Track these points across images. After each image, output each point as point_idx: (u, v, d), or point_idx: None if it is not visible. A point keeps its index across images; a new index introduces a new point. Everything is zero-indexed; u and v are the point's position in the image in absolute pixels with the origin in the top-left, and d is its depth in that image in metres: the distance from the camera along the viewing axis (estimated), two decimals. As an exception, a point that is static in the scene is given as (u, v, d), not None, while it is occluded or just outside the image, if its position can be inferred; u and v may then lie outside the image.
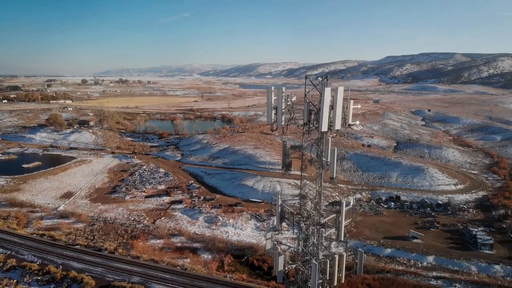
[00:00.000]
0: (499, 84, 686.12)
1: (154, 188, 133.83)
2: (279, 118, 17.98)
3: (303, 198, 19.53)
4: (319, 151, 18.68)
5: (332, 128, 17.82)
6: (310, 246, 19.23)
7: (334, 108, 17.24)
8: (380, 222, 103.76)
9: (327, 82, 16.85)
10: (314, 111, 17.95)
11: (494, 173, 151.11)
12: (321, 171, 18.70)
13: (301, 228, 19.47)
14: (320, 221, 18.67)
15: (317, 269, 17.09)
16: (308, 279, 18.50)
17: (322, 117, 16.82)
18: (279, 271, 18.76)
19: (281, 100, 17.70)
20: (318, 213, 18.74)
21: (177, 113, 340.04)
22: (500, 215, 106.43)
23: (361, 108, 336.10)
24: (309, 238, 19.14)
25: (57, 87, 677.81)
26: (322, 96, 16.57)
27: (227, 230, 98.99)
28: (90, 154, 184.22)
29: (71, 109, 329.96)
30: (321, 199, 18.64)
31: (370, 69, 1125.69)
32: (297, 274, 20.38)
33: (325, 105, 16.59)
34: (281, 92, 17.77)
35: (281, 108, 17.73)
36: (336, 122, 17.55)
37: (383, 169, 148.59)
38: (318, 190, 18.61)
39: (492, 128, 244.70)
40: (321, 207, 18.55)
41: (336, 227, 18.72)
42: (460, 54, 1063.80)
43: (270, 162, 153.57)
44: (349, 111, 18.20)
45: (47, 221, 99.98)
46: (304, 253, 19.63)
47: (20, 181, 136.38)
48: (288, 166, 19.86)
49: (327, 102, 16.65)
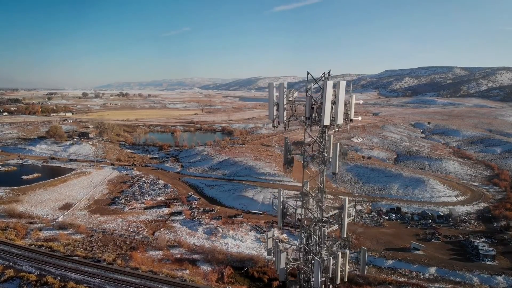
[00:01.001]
0: (498, 97, 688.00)
1: (153, 200, 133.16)
2: (281, 114, 17.89)
3: (304, 196, 19.31)
4: (321, 147, 18.54)
5: (334, 123, 17.68)
6: (312, 245, 18.95)
7: (336, 102, 17.15)
8: (381, 233, 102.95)
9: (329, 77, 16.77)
10: (316, 106, 17.88)
11: (495, 185, 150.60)
12: (323, 167, 18.52)
13: (303, 226, 19.22)
14: (322, 218, 18.44)
15: (319, 266, 16.80)
16: (311, 278, 18.18)
17: (324, 111, 16.72)
18: (281, 269, 18.42)
19: (282, 95, 17.66)
20: (320, 210, 18.52)
21: (177, 125, 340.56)
22: (502, 227, 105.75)
23: (361, 121, 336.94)
24: (311, 237, 18.88)
25: (57, 100, 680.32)
26: (324, 89, 16.52)
27: (226, 241, 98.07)
28: (89, 166, 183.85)
29: (71, 122, 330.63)
30: (323, 196, 18.43)
31: (369, 82, 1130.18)
32: (299, 273, 20.05)
33: (327, 99, 16.51)
34: (282, 88, 17.75)
35: (282, 103, 17.66)
36: (338, 116, 17.42)
37: (384, 180, 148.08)
38: (320, 187, 18.43)
39: (492, 140, 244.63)
40: (323, 204, 18.34)
41: (339, 224, 18.48)
42: (459, 67, 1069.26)
43: (270, 173, 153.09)
44: (351, 106, 18.09)
45: (46, 232, 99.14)
46: (307, 252, 19.33)
47: (19, 193, 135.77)
48: (290, 162, 19.69)
49: (329, 95, 16.58)
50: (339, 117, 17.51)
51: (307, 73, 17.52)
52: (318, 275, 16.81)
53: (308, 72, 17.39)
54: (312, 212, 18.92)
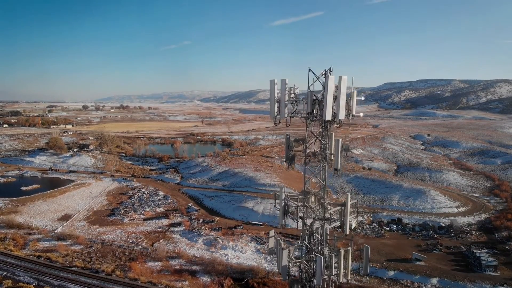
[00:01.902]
0: (498, 110, 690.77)
1: (153, 211, 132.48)
2: (282, 110, 17.84)
3: (306, 194, 19.16)
4: (322, 143, 18.46)
5: (336, 118, 17.61)
6: (314, 243, 18.72)
7: (337, 97, 17.11)
8: (383, 244, 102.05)
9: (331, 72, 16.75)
10: (318, 101, 17.84)
11: (496, 195, 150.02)
12: (325, 164, 18.41)
13: (305, 224, 19.02)
14: (324, 216, 18.25)
15: (322, 263, 16.55)
16: (313, 277, 17.90)
17: (326, 106, 16.68)
18: (283, 266, 18.12)
19: (284, 92, 17.63)
20: (322, 207, 18.34)
21: (177, 137, 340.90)
22: (503, 237, 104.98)
23: (361, 133, 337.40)
24: (313, 235, 18.65)
25: (58, 113, 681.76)
26: (326, 84, 16.50)
27: (226, 252, 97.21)
28: (89, 177, 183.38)
29: (71, 134, 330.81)
30: (325, 193, 18.28)
31: (369, 95, 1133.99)
32: (301, 272, 19.77)
33: (329, 93, 16.49)
34: (284, 84, 17.74)
35: (284, 100, 17.63)
36: (340, 112, 17.36)
37: (384, 191, 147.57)
38: (321, 184, 18.29)
39: (492, 152, 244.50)
40: (325, 201, 18.18)
41: (341, 221, 18.28)
42: (458, 80, 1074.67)
43: (271, 184, 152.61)
44: (352, 101, 18.03)
45: (44, 243, 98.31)
46: (309, 251, 19.08)
47: (18, 204, 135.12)
48: (291, 159, 19.59)
49: (331, 90, 16.56)
50: (340, 112, 17.44)
51: (308, 69, 17.60)
52: (321, 272, 16.54)
53: (309, 69, 17.44)
54: (314, 210, 18.76)
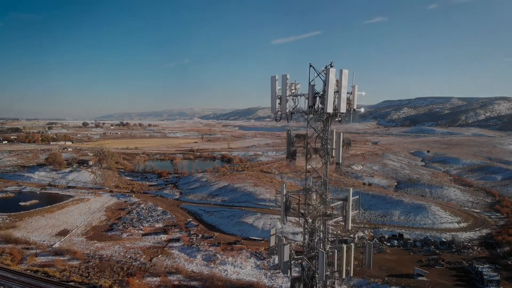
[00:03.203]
0: (497, 127, 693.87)
1: (151, 226, 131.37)
2: (283, 106, 17.82)
3: (308, 190, 18.98)
4: (324, 139, 18.38)
5: (337, 111, 17.58)
6: (316, 241, 18.44)
7: (338, 91, 17.12)
8: (384, 260, 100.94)
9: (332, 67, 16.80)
10: (319, 95, 17.85)
11: (497, 211, 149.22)
12: (327, 159, 18.31)
13: (307, 221, 18.78)
14: (326, 212, 18.04)
15: (324, 258, 16.25)
16: (315, 275, 17.56)
17: (327, 98, 16.68)
18: (285, 262, 17.80)
19: (285, 87, 17.64)
20: (323, 203, 18.14)
21: (177, 153, 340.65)
22: (505, 252, 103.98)
23: (361, 149, 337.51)
24: (314, 232, 18.39)
25: (57, 130, 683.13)
26: (327, 76, 16.53)
27: (226, 268, 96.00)
28: (88, 192, 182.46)
29: (71, 150, 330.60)
30: (326, 189, 18.11)
31: (368, 112, 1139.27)
32: (303, 270, 19.41)
33: (330, 86, 16.49)
34: (285, 79, 17.76)
35: (285, 95, 17.62)
36: (341, 105, 17.34)
37: (385, 207, 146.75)
38: (323, 180, 18.13)
39: (492, 168, 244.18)
40: (327, 196, 18.00)
41: (343, 216, 18.06)
42: (456, 98, 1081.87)
43: (270, 199, 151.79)
44: (354, 95, 18.02)
45: (42, 258, 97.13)
46: (310, 248, 18.79)
47: (16, 219, 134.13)
48: (292, 155, 19.44)
49: (332, 82, 16.58)
50: (342, 105, 17.46)
51: (309, 65, 17.66)
52: (323, 267, 16.22)
53: (310, 65, 17.51)
54: (316, 207, 18.57)
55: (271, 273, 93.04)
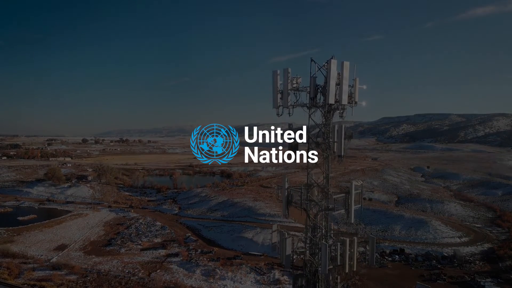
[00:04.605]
0: (496, 143, 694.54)
1: (150, 241, 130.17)
2: (285, 100, 17.89)
3: (309, 186, 18.83)
4: (325, 132, 18.36)
5: (339, 103, 17.63)
6: (318, 236, 18.21)
7: (340, 83, 17.23)
8: (385, 274, 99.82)
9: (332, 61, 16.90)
10: (320, 88, 17.90)
11: (498, 226, 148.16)
12: (328, 153, 18.26)
13: (309, 216, 18.59)
14: (328, 206, 17.86)
15: (327, 251, 16.01)
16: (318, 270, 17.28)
17: (329, 89, 16.74)
18: (287, 256, 17.52)
19: (287, 81, 17.74)
20: (325, 198, 17.99)
21: (176, 168, 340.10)
22: (507, 266, 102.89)
23: (360, 164, 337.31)
24: (316, 228, 18.18)
25: (57, 146, 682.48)
26: (329, 68, 16.63)
27: (225, 283, 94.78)
28: (86, 208, 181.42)
29: (70, 165, 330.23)
30: (328, 183, 17.98)
31: (367, 129, 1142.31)
32: (305, 266, 19.10)
33: (332, 77, 16.59)
34: (287, 73, 17.87)
35: (287, 89, 17.71)
36: (343, 97, 17.42)
37: (386, 222, 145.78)
38: (325, 174, 18.02)
39: (492, 183, 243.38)
40: (329, 190, 17.85)
41: (346, 209, 17.89)
42: (455, 114, 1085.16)
43: (270, 214, 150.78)
44: (355, 88, 18.10)
45: (39, 272, 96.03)
46: (313, 244, 18.54)
47: (14, 233, 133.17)
48: (294, 148, 19.35)
49: (333, 74, 16.69)
50: (343, 97, 17.55)
51: (310, 60, 17.82)
52: (326, 260, 15.99)
53: (311, 59, 17.67)
54: (317, 202, 18.39)
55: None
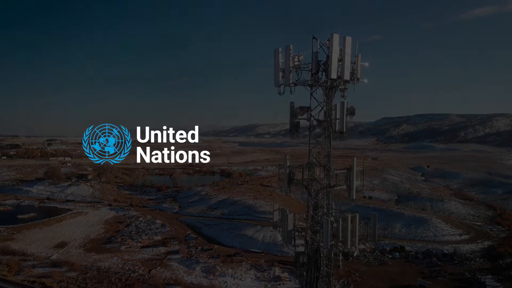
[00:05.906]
0: (496, 143, 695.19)
1: (150, 239, 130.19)
2: (287, 77, 17.90)
3: (311, 165, 18.83)
4: (327, 110, 18.38)
5: (341, 79, 17.65)
6: (319, 214, 18.24)
7: (342, 59, 17.26)
8: (386, 271, 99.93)
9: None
10: (322, 64, 17.92)
11: (498, 224, 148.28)
12: (330, 130, 18.28)
13: (310, 195, 18.62)
14: (329, 183, 17.90)
15: (329, 225, 16.03)
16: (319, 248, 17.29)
17: (331, 64, 16.75)
18: (288, 231, 17.54)
19: (288, 58, 17.76)
20: (327, 175, 18.02)
21: (176, 168, 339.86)
22: (508, 264, 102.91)
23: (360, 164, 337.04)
24: (318, 206, 18.21)
25: (57, 146, 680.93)
26: (331, 43, 16.67)
27: (225, 280, 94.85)
28: (86, 206, 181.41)
29: (70, 165, 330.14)
30: (330, 160, 18.00)
31: (367, 129, 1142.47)
32: (306, 244, 19.13)
33: (334, 51, 16.62)
34: (288, 51, 17.89)
35: (288, 66, 17.73)
36: (345, 72, 17.45)
37: (386, 220, 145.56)
38: (327, 152, 18.04)
39: (492, 182, 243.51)
40: (330, 167, 17.87)
41: (347, 185, 17.93)
42: (455, 114, 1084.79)
43: (270, 212, 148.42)
44: (357, 65, 18.14)
45: (39, 269, 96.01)
46: (314, 222, 18.55)
47: (14, 231, 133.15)
48: (296, 126, 19.36)
49: (336, 49, 16.72)
50: (346, 72, 17.57)
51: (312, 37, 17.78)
52: (328, 235, 16.01)
53: (313, 36, 17.66)
54: (319, 179, 18.41)
55: (272, 284, 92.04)
